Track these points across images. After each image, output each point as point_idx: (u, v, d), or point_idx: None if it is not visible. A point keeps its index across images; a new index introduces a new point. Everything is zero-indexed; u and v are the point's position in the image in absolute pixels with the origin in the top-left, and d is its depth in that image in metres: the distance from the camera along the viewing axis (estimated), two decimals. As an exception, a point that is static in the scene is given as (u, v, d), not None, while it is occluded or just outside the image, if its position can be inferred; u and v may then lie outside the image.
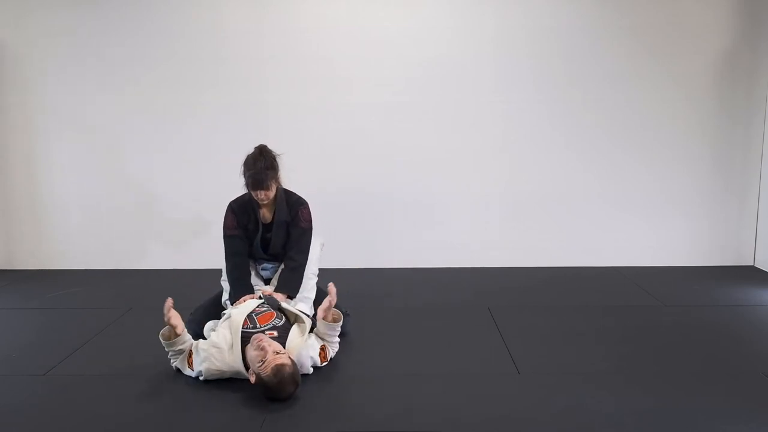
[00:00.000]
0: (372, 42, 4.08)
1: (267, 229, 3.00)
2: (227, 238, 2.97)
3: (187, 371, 2.53)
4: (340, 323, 2.67)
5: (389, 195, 4.23)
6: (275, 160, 2.93)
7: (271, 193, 2.90)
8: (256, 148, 2.96)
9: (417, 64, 4.10)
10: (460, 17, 4.07)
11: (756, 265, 4.27)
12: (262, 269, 3.13)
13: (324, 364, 2.62)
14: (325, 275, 3.98)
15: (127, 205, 4.27)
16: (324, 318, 2.62)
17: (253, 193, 2.89)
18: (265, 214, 3.00)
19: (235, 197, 3.04)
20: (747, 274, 4.09)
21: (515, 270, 4.20)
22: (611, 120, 4.16)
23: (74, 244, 4.30)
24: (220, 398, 2.36)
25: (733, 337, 2.97)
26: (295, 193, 3.07)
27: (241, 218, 2.98)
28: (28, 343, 2.96)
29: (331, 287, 2.65)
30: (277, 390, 2.28)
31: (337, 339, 2.71)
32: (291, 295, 2.91)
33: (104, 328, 3.11)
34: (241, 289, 2.87)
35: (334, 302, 2.63)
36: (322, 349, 2.63)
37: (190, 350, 2.54)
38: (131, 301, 3.54)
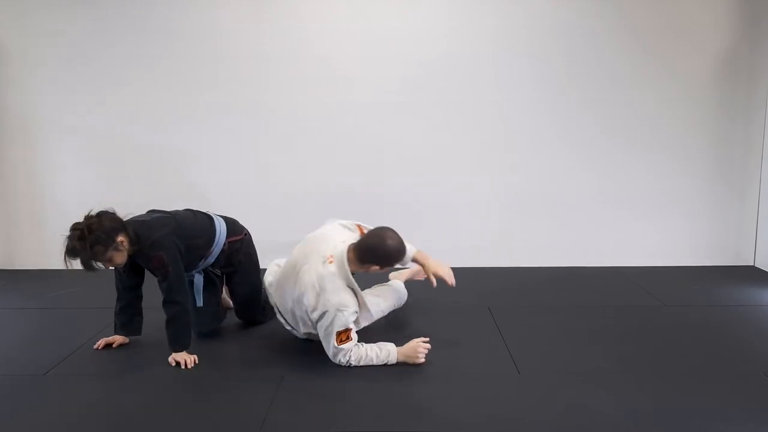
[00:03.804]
0: (372, 42, 4.08)
1: None
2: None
3: None
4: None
5: (389, 195, 4.23)
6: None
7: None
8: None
9: (417, 64, 4.09)
10: (460, 17, 4.07)
11: (756, 265, 4.27)
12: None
13: (342, 345, 2.54)
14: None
15: (127, 205, 4.23)
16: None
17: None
18: None
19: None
20: (747, 274, 4.09)
21: (515, 270, 4.20)
22: (611, 120, 4.16)
23: (74, 244, 4.29)
24: (221, 397, 2.36)
25: (733, 337, 2.97)
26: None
27: None
28: (28, 343, 2.96)
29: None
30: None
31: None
32: None
33: (104, 328, 3.11)
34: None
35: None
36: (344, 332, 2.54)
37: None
38: (131, 301, 3.54)
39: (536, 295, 3.67)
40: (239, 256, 3.04)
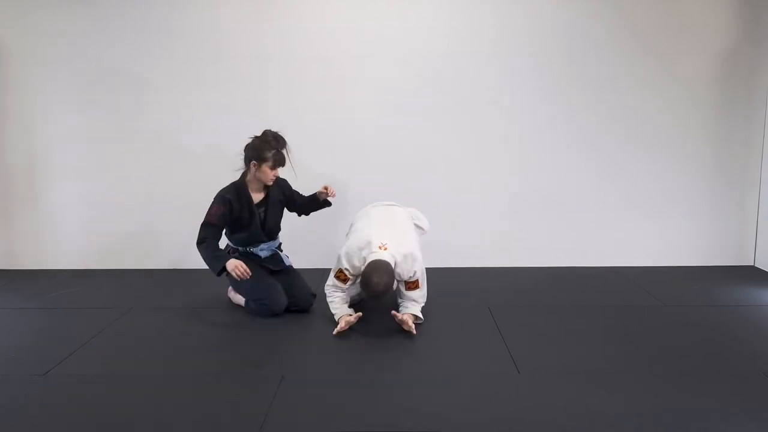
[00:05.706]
0: (372, 42, 4.08)
1: (258, 209, 3.27)
2: (208, 225, 3.16)
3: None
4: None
5: (389, 195, 4.22)
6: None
7: None
8: (266, 131, 3.21)
9: (417, 64, 4.09)
10: (460, 17, 4.07)
11: (756, 265, 4.27)
12: (260, 250, 3.32)
13: (330, 281, 3.12)
14: (322, 276, 3.98)
15: (127, 205, 4.26)
16: None
17: (273, 172, 3.17)
18: (255, 196, 3.25)
19: (225, 187, 3.24)
20: (747, 274, 4.09)
21: (515, 270, 4.21)
22: (611, 120, 4.16)
23: (74, 244, 4.30)
24: (221, 397, 2.36)
25: (733, 337, 2.97)
26: None
27: (235, 207, 3.18)
28: (28, 343, 2.95)
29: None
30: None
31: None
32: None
33: (104, 328, 3.11)
34: (221, 257, 3.10)
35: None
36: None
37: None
38: (131, 301, 3.54)
39: (536, 295, 3.67)
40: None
